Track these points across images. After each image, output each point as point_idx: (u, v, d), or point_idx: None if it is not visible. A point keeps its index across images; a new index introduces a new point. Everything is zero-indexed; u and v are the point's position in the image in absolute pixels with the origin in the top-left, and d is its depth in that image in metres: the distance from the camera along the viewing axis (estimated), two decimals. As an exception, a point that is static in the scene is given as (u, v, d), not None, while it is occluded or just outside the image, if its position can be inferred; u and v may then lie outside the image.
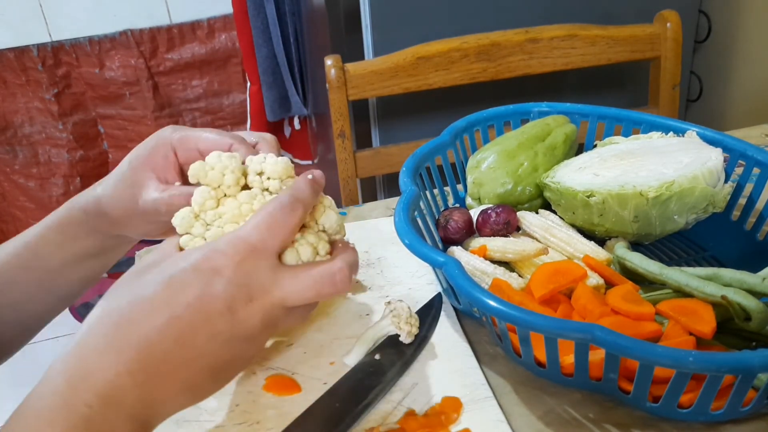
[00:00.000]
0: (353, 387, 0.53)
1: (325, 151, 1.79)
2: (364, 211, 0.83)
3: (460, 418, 0.51)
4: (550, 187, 0.66)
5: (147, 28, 2.04)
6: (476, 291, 0.49)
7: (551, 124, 0.74)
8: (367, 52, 1.23)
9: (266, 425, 0.51)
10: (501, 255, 0.62)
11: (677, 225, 0.63)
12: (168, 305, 0.38)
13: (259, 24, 1.78)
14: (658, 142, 0.68)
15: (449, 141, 0.73)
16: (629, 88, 1.38)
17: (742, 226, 0.67)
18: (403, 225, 0.57)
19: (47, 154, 2.14)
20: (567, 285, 0.56)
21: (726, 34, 1.42)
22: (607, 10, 1.27)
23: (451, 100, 1.22)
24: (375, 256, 0.72)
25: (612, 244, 0.65)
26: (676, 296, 0.54)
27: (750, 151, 0.65)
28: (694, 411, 0.48)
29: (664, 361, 0.43)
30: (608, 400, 0.52)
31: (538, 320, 0.46)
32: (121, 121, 2.17)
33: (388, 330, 0.57)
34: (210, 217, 0.44)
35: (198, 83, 2.17)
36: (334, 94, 1.06)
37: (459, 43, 1.09)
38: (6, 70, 2.00)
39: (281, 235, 0.41)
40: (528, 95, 1.22)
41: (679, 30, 1.13)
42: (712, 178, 0.62)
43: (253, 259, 0.39)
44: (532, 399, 0.53)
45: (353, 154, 1.11)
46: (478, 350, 0.58)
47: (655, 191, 0.60)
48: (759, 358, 0.42)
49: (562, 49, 1.13)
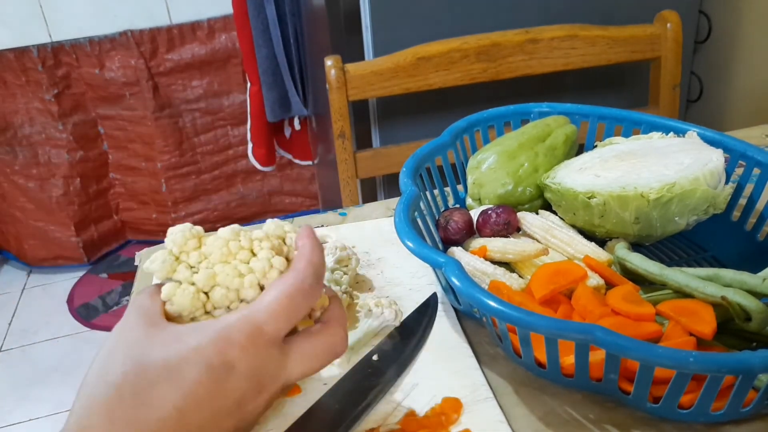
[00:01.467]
0: (352, 388, 0.53)
1: (325, 151, 1.79)
2: (365, 211, 0.83)
3: (460, 419, 0.51)
4: (551, 188, 0.66)
5: (147, 28, 2.05)
6: (476, 291, 0.49)
7: (552, 125, 0.74)
8: (367, 53, 1.23)
9: (266, 426, 0.51)
10: (501, 255, 0.62)
11: (678, 226, 0.63)
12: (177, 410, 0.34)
13: (259, 24, 1.78)
14: (658, 142, 0.68)
15: (449, 141, 0.73)
16: (629, 88, 1.38)
17: (743, 226, 0.66)
18: (403, 225, 0.56)
19: (47, 155, 2.14)
20: (567, 285, 0.56)
21: (726, 34, 1.42)
22: (608, 10, 1.27)
23: (451, 100, 1.22)
24: (375, 256, 0.72)
25: (612, 245, 0.64)
26: (677, 297, 0.54)
27: (750, 152, 0.65)
28: (695, 411, 0.47)
29: (665, 362, 0.43)
30: (609, 400, 0.52)
31: (538, 321, 0.46)
32: (121, 122, 2.17)
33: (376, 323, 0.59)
34: (194, 258, 0.39)
35: (198, 84, 2.17)
36: (334, 95, 1.06)
37: (459, 43, 1.09)
38: (6, 71, 2.01)
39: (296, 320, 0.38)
40: (528, 96, 1.22)
41: (679, 30, 1.13)
42: (713, 179, 0.62)
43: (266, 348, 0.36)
44: (532, 399, 0.53)
45: (353, 154, 1.11)
46: (478, 351, 0.58)
47: (656, 193, 0.60)
48: (759, 359, 0.42)
49: (562, 50, 1.13)
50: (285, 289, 0.37)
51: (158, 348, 0.35)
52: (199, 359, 0.34)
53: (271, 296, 0.37)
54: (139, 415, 0.33)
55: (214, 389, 0.35)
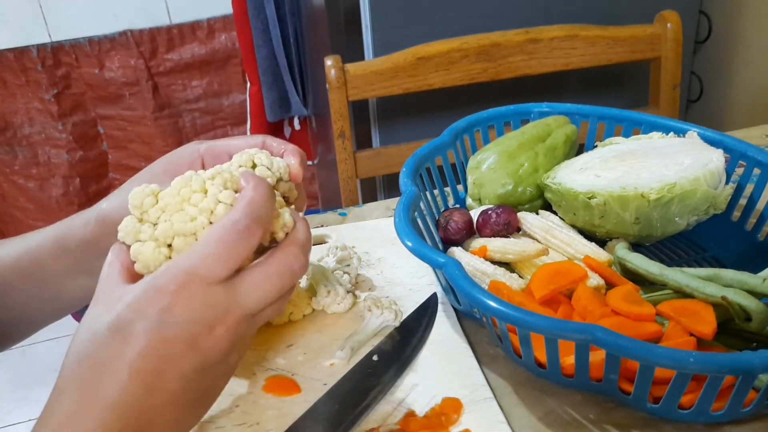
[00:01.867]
0: (352, 388, 0.53)
1: (325, 151, 1.79)
2: (364, 211, 0.83)
3: (460, 419, 0.50)
4: (551, 188, 0.66)
5: (147, 28, 2.04)
6: (477, 292, 0.49)
7: (552, 125, 0.74)
8: (367, 53, 1.23)
9: (266, 426, 0.51)
10: (501, 256, 0.62)
11: (678, 227, 0.63)
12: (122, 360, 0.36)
13: (258, 24, 1.77)
14: (659, 142, 0.68)
15: (449, 141, 0.73)
16: (629, 88, 1.38)
17: (743, 226, 0.66)
18: (403, 226, 0.56)
19: (47, 155, 2.14)
20: (567, 286, 0.56)
21: (726, 34, 1.42)
22: (608, 10, 1.27)
23: (451, 100, 1.22)
24: (375, 256, 0.72)
25: (613, 245, 0.64)
26: (677, 297, 0.54)
27: (750, 152, 0.65)
28: (695, 412, 0.47)
29: (665, 362, 0.43)
30: (609, 400, 0.52)
31: (538, 321, 0.46)
32: (120, 122, 2.17)
33: (376, 323, 0.59)
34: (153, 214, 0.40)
35: (198, 83, 2.17)
36: (334, 95, 1.05)
37: (459, 43, 1.09)
38: (6, 71, 2.00)
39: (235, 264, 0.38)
40: (528, 96, 1.22)
41: (679, 30, 1.13)
42: (714, 179, 0.62)
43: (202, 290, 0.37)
44: (532, 400, 0.53)
45: (353, 154, 1.11)
46: (478, 351, 0.58)
47: (657, 193, 0.59)
48: (759, 359, 0.42)
49: (562, 50, 1.13)
50: (216, 231, 0.37)
51: (104, 313, 0.37)
52: (134, 314, 0.36)
53: (203, 240, 0.38)
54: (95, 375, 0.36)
55: (156, 337, 0.36)
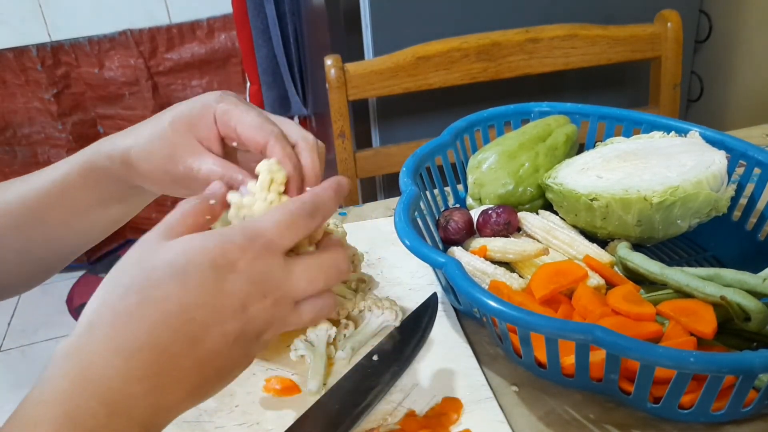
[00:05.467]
0: (352, 388, 0.53)
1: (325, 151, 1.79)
2: (364, 211, 0.82)
3: (460, 419, 0.50)
4: (553, 188, 0.66)
5: (146, 28, 2.04)
6: (477, 291, 0.49)
7: (552, 125, 0.74)
8: (367, 52, 1.23)
9: (266, 426, 0.51)
10: (501, 255, 0.62)
11: (680, 229, 0.63)
12: (181, 305, 0.35)
13: (258, 24, 1.77)
14: (660, 142, 0.68)
15: (449, 141, 0.73)
16: (630, 88, 1.38)
17: (743, 226, 0.66)
18: (403, 225, 0.56)
19: (46, 154, 2.14)
20: (568, 285, 0.56)
21: (727, 33, 1.42)
22: (608, 10, 1.27)
23: (451, 100, 1.22)
24: (375, 256, 0.71)
25: (614, 245, 0.64)
26: (677, 297, 0.54)
27: (751, 152, 0.65)
28: (695, 412, 0.47)
29: (665, 362, 0.43)
30: (609, 400, 0.52)
31: (538, 321, 0.46)
32: (120, 122, 2.17)
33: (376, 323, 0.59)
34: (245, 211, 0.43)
35: (198, 83, 2.17)
36: (334, 94, 1.05)
37: (459, 42, 1.09)
38: (5, 70, 2.00)
39: (297, 237, 0.40)
40: (528, 95, 1.22)
41: (679, 30, 1.13)
42: (716, 182, 0.61)
43: (268, 255, 0.38)
44: (532, 399, 0.53)
45: (353, 154, 1.11)
46: (478, 350, 0.58)
47: (659, 196, 0.59)
48: (760, 359, 0.42)
49: (562, 49, 1.13)
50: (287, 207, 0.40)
51: (165, 252, 0.37)
52: (202, 259, 0.36)
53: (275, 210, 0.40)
54: (143, 310, 0.35)
55: (217, 288, 0.36)
